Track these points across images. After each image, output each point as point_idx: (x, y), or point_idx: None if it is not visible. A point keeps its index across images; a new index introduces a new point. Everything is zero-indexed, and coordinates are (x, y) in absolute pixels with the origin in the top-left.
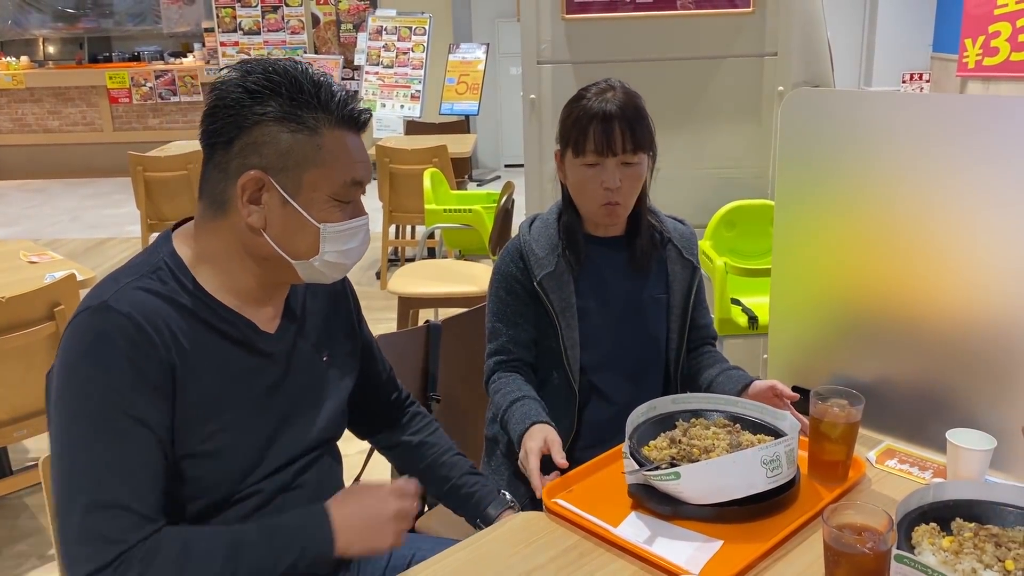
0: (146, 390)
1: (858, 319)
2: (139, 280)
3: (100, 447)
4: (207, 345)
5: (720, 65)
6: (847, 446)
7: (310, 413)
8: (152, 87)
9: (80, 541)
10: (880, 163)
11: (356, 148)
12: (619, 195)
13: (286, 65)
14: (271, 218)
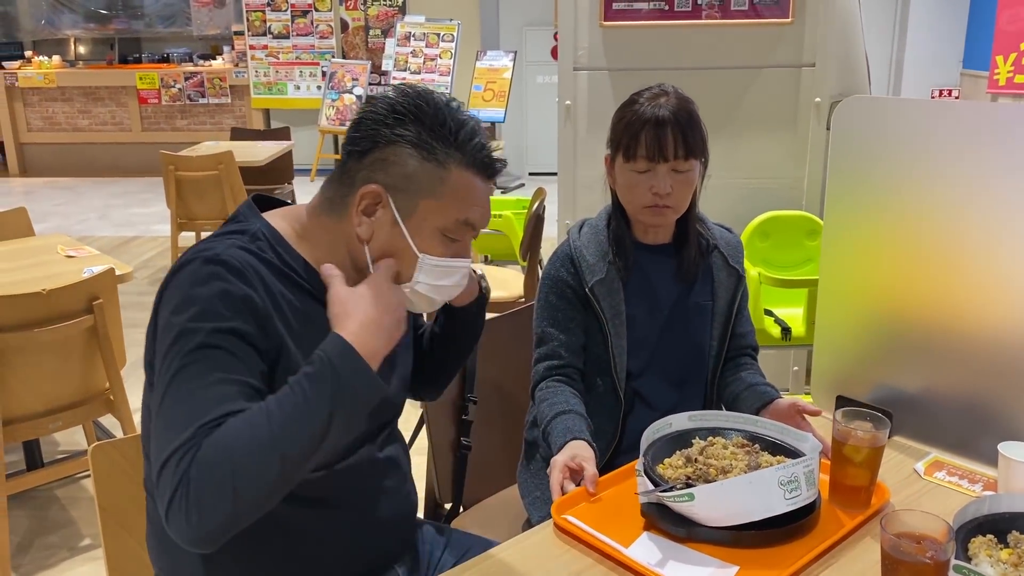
0: (247, 323)
1: (905, 329)
2: (242, 242)
3: (209, 379)
4: (301, 301)
5: (757, 75)
6: (871, 471)
7: (392, 380)
8: (181, 88)
9: (166, 475)
10: (933, 173)
11: (479, 192)
12: (669, 200)
13: (439, 99)
14: (378, 233)
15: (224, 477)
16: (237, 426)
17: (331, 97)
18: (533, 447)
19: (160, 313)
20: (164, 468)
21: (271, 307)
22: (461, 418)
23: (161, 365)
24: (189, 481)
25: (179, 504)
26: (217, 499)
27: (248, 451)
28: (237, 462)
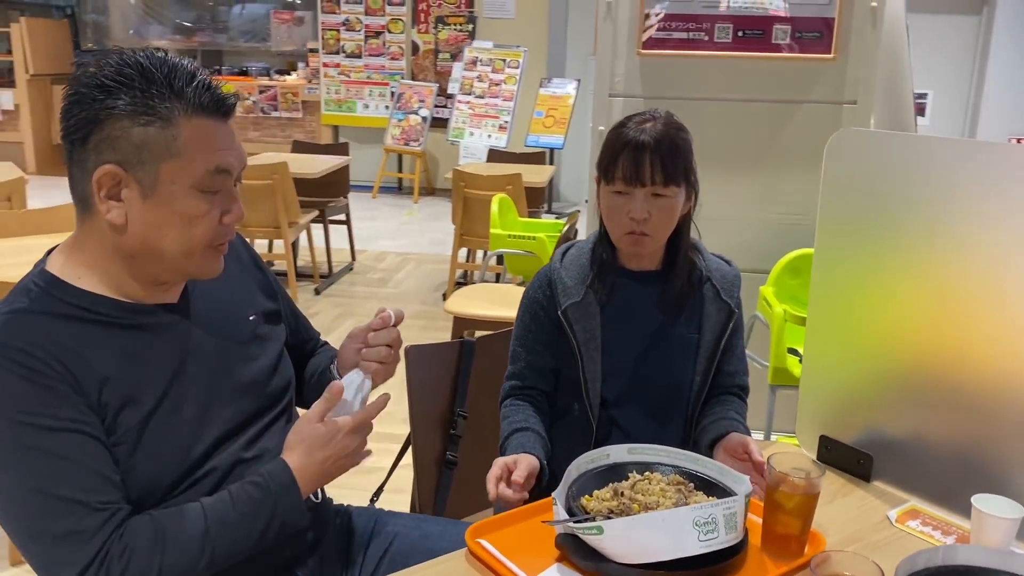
0: (54, 399)
1: (894, 372)
2: (8, 308)
3: (34, 466)
4: (96, 338)
5: (796, 110)
6: (802, 519)
7: (245, 374)
8: (255, 101)
9: (56, 547)
10: (927, 212)
11: (220, 135)
12: (647, 226)
13: (139, 57)
14: (133, 215)
15: (152, 564)
16: (174, 528)
17: (397, 117)
18: None
19: None
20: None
21: (68, 361)
22: (449, 432)
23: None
24: (113, 566)
25: None
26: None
27: (178, 546)
28: (167, 566)
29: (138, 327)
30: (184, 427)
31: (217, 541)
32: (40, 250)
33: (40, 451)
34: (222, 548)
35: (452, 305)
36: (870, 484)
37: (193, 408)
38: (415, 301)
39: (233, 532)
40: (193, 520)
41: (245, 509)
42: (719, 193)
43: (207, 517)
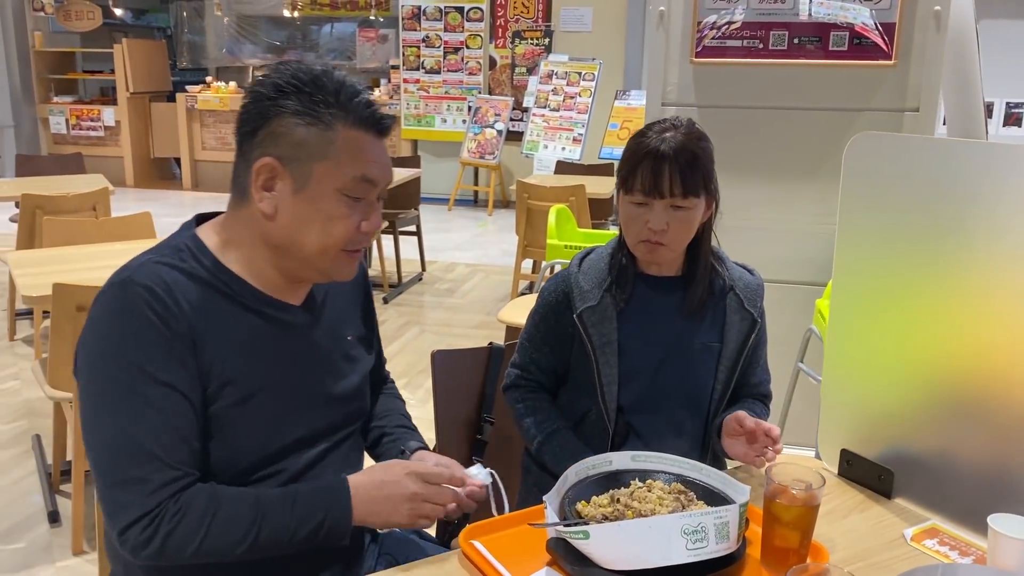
0: (172, 354)
1: (918, 386)
2: (160, 258)
3: (131, 408)
4: (225, 313)
5: (856, 118)
6: (801, 532)
7: (335, 387)
8: None
9: (121, 489)
10: (952, 218)
11: (372, 148)
12: (664, 237)
13: (315, 68)
14: (282, 207)
15: (192, 541)
16: (228, 506)
17: (474, 131)
18: (527, 472)
19: (81, 341)
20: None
21: (179, 314)
22: (475, 438)
23: (89, 389)
24: (163, 524)
25: (144, 533)
26: (181, 550)
27: (226, 524)
28: (210, 539)
29: (264, 316)
30: (271, 421)
31: (262, 531)
32: (117, 256)
33: (143, 399)
34: (264, 539)
35: (505, 315)
36: (891, 501)
37: (284, 406)
38: (480, 312)
39: (279, 529)
40: (247, 504)
41: (297, 511)
42: (774, 204)
43: (260, 506)
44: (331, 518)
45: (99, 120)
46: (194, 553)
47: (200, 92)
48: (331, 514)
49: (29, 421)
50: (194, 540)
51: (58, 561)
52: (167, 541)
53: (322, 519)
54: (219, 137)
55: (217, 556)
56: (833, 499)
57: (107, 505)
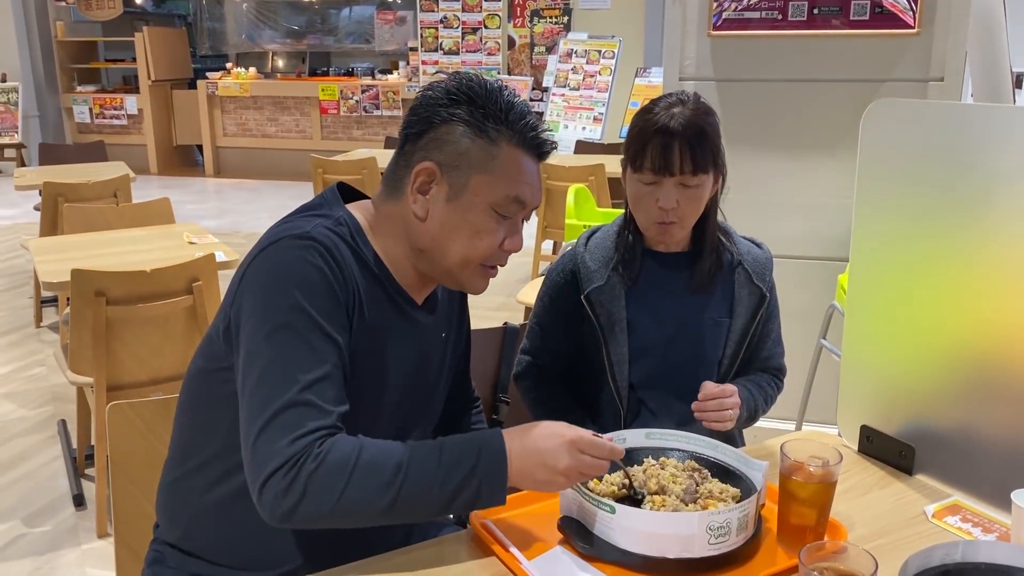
0: (339, 314)
1: (940, 360)
2: (332, 225)
3: (298, 355)
4: (373, 295)
5: (878, 89)
6: (817, 510)
7: (430, 385)
8: (358, 100)
9: (273, 434)
10: (974, 186)
11: (529, 171)
12: (674, 215)
13: (491, 83)
14: (433, 211)
15: (337, 484)
16: (374, 449)
17: None
18: None
19: (247, 288)
20: (275, 434)
21: (353, 291)
22: (491, 418)
23: (255, 335)
24: (307, 463)
25: (287, 477)
26: (323, 494)
27: (370, 477)
28: (355, 481)
29: (399, 309)
30: (369, 413)
31: (408, 477)
32: (136, 242)
33: (310, 347)
34: (409, 490)
35: (524, 296)
36: (912, 477)
37: (392, 391)
38: (500, 293)
39: (427, 477)
40: (393, 448)
41: (448, 458)
42: (796, 178)
43: (409, 451)
44: (483, 465)
45: (122, 109)
46: (334, 507)
47: (220, 79)
48: (483, 459)
49: (55, 407)
50: (337, 485)
51: (84, 544)
52: (309, 485)
53: (473, 465)
54: (240, 123)
55: (358, 512)
56: (853, 476)
57: (255, 454)
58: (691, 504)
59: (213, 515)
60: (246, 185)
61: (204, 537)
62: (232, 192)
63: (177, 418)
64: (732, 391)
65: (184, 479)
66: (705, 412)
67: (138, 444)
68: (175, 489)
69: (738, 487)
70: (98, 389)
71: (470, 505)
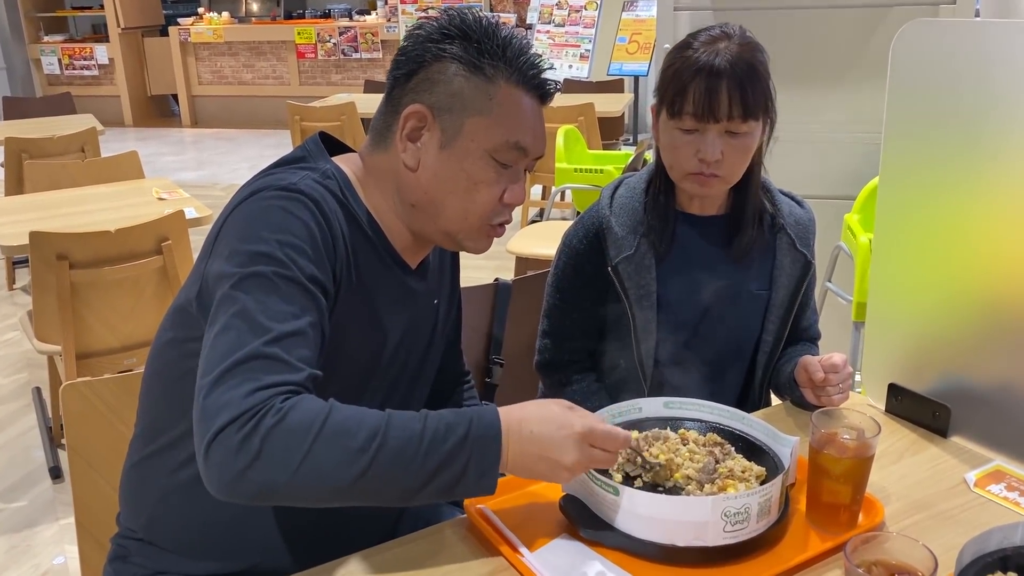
0: (323, 272)
1: (975, 310)
2: (320, 179)
3: (269, 303)
4: (365, 257)
5: (886, 15)
6: (852, 486)
7: (419, 357)
8: (335, 43)
9: (227, 386)
10: (1014, 115)
11: (529, 112)
12: (719, 168)
13: (486, 17)
14: (425, 160)
15: (300, 444)
16: (347, 411)
17: None
18: None
19: (223, 242)
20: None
21: (342, 251)
22: (485, 381)
23: (226, 287)
24: (267, 417)
25: (241, 431)
26: (281, 456)
27: (339, 439)
28: (321, 442)
29: (391, 274)
30: (363, 368)
31: (383, 448)
32: (103, 200)
33: (283, 295)
34: (383, 461)
35: (514, 245)
36: (947, 440)
37: (371, 371)
38: None
39: (406, 448)
40: (369, 414)
41: (432, 427)
42: (798, 113)
43: (387, 418)
44: (474, 441)
45: (92, 59)
46: (294, 473)
47: (193, 24)
48: (475, 433)
49: (30, 373)
50: (300, 446)
51: (61, 519)
52: (267, 443)
53: (462, 438)
54: (215, 71)
55: (320, 483)
56: (882, 440)
57: (204, 408)
58: (707, 485)
59: (182, 497)
60: (224, 135)
61: (171, 523)
62: (210, 142)
63: (144, 394)
64: (843, 359)
65: (152, 458)
66: (828, 388)
67: (97, 426)
68: (142, 469)
69: (764, 465)
70: (67, 357)
71: (450, 489)
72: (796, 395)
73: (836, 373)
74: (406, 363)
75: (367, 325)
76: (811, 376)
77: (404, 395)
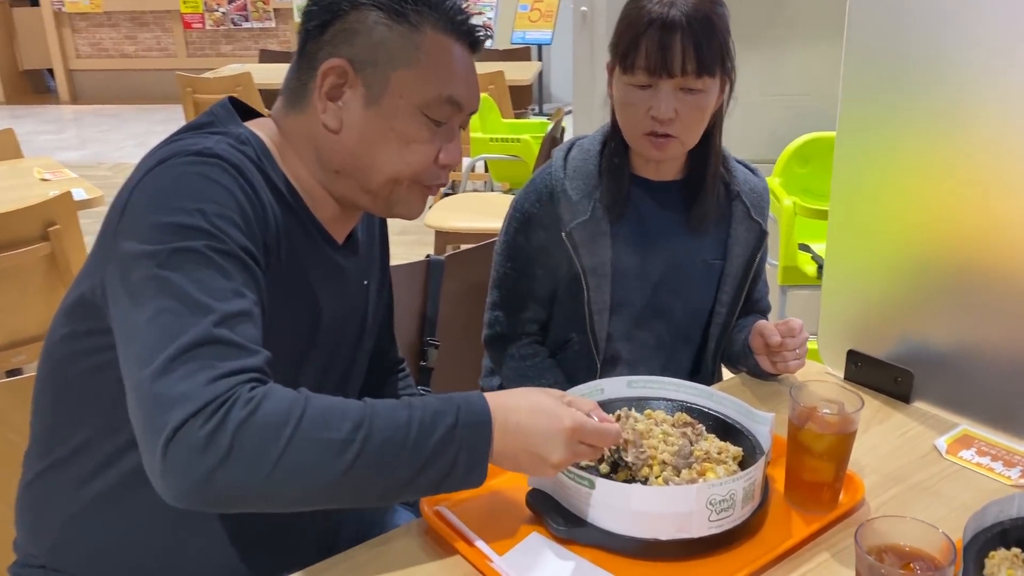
0: (255, 245)
1: (935, 271)
2: (234, 143)
3: (208, 279)
4: (291, 234)
5: None
6: (835, 464)
7: (353, 344)
8: (224, 12)
9: (177, 376)
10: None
11: (463, 63)
12: (673, 128)
13: None
14: (349, 121)
15: (276, 439)
16: (325, 400)
17: None
18: None
19: (132, 218)
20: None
21: (271, 221)
22: (419, 364)
23: (144, 271)
24: (236, 408)
25: (207, 425)
26: (257, 453)
27: (321, 431)
28: (301, 435)
29: (318, 250)
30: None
31: (370, 438)
32: None
33: (221, 269)
34: (372, 453)
35: (432, 219)
36: (910, 406)
37: (302, 360)
38: None
39: (395, 437)
40: (349, 403)
41: (419, 415)
42: None
43: (369, 406)
44: (464, 428)
45: None
46: (271, 472)
47: None
48: (464, 419)
49: None
50: (277, 440)
51: None
52: (239, 438)
53: (452, 425)
54: (94, 43)
55: (302, 482)
56: None
57: (155, 401)
58: (684, 470)
59: (91, 516)
60: (107, 111)
61: (80, 546)
62: (92, 119)
63: (37, 398)
64: (800, 323)
65: (51, 472)
66: (785, 353)
67: None
68: (40, 486)
69: (740, 445)
70: None
71: (438, 483)
72: (751, 364)
73: (793, 337)
74: (338, 350)
75: (298, 306)
76: (767, 341)
77: (336, 386)
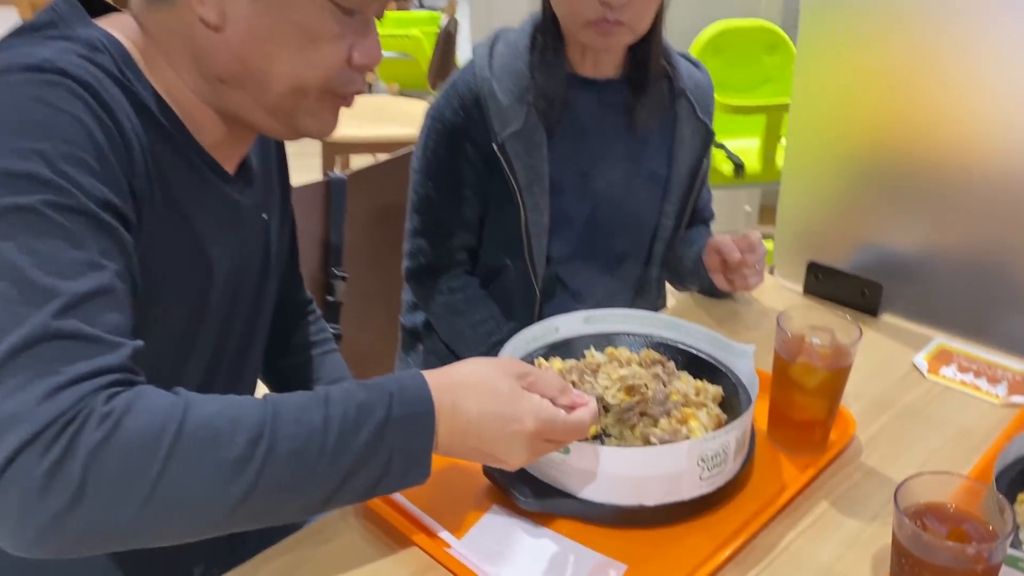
0: (116, 187)
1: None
2: (84, 52)
3: (47, 251)
4: (169, 160)
5: None
6: (829, 401)
7: (254, 290)
8: None
9: (5, 396)
10: None
11: None
12: (624, 14)
13: None
14: (233, 13)
15: (147, 464)
16: (210, 405)
17: None
18: (414, 335)
19: None
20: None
21: (139, 156)
22: (326, 299)
23: None
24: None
25: (48, 455)
26: (122, 485)
27: (206, 449)
28: (180, 457)
29: (202, 180)
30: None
31: (273, 452)
32: None
33: (65, 234)
34: (275, 470)
35: None
36: (878, 320)
37: (196, 316)
38: None
39: (306, 448)
40: (243, 406)
41: (338, 413)
42: None
43: (270, 407)
44: (398, 426)
45: None
46: (142, 507)
47: None
48: (397, 411)
49: None
50: (150, 467)
51: None
52: (93, 467)
53: (381, 422)
54: None
55: (186, 515)
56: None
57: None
58: (663, 419)
59: None
60: None
61: None
62: None
63: None
64: (759, 235)
65: None
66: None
67: None
68: None
69: (719, 383)
70: None
71: (369, 490)
72: (704, 283)
73: (753, 252)
74: (238, 299)
75: (186, 258)
76: (726, 257)
77: (239, 341)
